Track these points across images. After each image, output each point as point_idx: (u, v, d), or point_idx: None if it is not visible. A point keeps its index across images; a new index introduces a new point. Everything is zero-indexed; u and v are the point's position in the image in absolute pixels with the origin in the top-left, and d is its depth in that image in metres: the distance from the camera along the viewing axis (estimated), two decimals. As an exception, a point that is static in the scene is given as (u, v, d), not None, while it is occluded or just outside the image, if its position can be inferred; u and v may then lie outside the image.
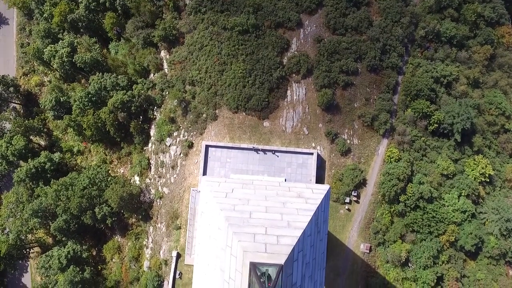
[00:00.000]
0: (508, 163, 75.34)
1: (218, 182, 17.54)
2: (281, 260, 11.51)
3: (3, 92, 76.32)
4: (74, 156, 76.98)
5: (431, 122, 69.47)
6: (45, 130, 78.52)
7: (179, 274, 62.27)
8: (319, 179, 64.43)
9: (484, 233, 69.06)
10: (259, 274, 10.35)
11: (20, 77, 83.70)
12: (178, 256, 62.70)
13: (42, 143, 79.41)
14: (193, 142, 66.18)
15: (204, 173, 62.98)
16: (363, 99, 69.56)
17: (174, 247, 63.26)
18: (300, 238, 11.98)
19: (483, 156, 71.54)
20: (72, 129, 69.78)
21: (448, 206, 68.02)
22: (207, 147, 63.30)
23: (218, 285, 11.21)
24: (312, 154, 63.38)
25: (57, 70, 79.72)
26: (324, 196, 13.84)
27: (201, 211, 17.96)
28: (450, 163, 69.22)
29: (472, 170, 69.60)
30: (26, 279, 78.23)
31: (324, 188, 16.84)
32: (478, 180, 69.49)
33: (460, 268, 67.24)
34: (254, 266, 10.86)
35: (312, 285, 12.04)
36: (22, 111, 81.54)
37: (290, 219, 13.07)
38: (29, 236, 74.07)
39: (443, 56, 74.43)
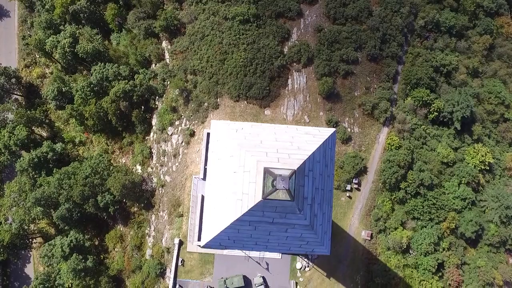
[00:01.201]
0: (507, 152, 75.87)
1: (228, 123, 17.79)
2: (294, 167, 11.65)
3: (5, 83, 76.67)
4: (76, 146, 77.35)
5: (431, 110, 69.96)
6: (47, 121, 78.89)
7: (181, 261, 62.59)
8: (320, 167, 64.78)
9: (484, 221, 69.55)
10: (272, 179, 10.62)
11: (22, 69, 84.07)
12: (180, 243, 63.03)
13: (44, 134, 79.75)
14: (195, 130, 66.61)
15: (206, 161, 63.31)
16: (363, 88, 70.04)
17: (176, 234, 63.62)
18: (310, 157, 12.29)
19: (483, 145, 72.06)
20: (74, 119, 70.19)
21: (448, 193, 68.52)
22: (208, 135, 63.57)
23: (231, 208, 11.58)
24: (313, 141, 63.74)
25: (59, 62, 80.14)
26: (331, 135, 14.20)
27: (211, 151, 18.40)
28: (450, 151, 69.70)
29: (472, 158, 70.06)
30: (29, 269, 78.52)
31: (330, 129, 17.22)
32: (478, 168, 69.95)
33: (461, 255, 67.66)
34: (268, 171, 11.20)
35: (321, 214, 12.46)
36: (24, 102, 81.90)
37: (299, 145, 13.30)
38: (32, 226, 74.42)
39: (442, 45, 74.95)
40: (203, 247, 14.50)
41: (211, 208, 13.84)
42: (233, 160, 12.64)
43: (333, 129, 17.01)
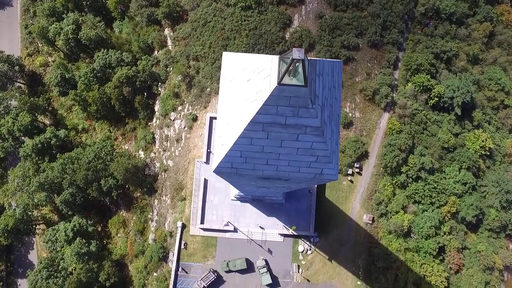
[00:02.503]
0: (508, 138, 76.34)
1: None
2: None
3: (8, 70, 77.15)
4: (79, 134, 77.81)
5: (431, 96, 70.44)
6: (50, 108, 79.36)
7: (184, 244, 63.04)
8: (322, 151, 65.30)
9: (485, 206, 70.02)
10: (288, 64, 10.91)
11: (25, 58, 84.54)
12: (183, 226, 63.50)
13: (47, 122, 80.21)
14: (197, 115, 67.09)
15: (209, 145, 63.88)
16: (364, 74, 70.58)
17: (179, 218, 64.09)
18: (320, 61, 12.65)
19: (483, 131, 72.54)
20: (77, 104, 70.65)
21: (449, 178, 69.00)
22: (211, 119, 64.22)
23: (244, 113, 11.96)
24: (315, 125, 64.27)
25: (61, 50, 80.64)
26: (338, 62, 14.61)
27: (223, 78, 18.90)
28: (451, 137, 70.19)
29: (473, 144, 70.54)
30: (32, 256, 79.00)
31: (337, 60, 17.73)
32: (479, 153, 70.44)
33: (462, 239, 68.13)
34: (282, 59, 11.54)
35: (330, 128, 12.88)
36: (27, 91, 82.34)
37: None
38: (35, 212, 74.83)
39: (442, 32, 75.42)
40: (215, 172, 14.94)
41: (222, 127, 14.28)
42: (246, 72, 12.97)
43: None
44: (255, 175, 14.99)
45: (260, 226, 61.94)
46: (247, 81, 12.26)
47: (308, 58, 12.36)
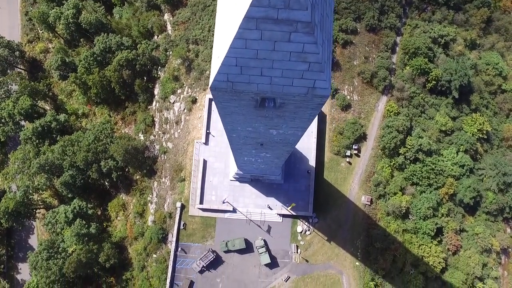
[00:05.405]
0: (505, 123, 76.84)
1: None
2: None
3: (9, 56, 77.69)
4: (79, 119, 78.32)
5: (429, 79, 70.93)
6: (50, 94, 79.88)
7: (183, 225, 63.45)
8: (321, 132, 65.86)
9: (483, 189, 70.43)
10: None
11: (25, 44, 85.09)
12: (182, 207, 63.91)
13: (47, 107, 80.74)
14: (197, 97, 67.58)
15: (208, 126, 64.38)
16: (362, 57, 71.08)
17: (178, 199, 64.51)
18: None
19: (481, 114, 73.05)
20: (77, 87, 71.13)
21: (447, 161, 69.43)
22: (210, 100, 64.72)
23: (238, 11, 12.37)
24: (313, 107, 64.75)
25: (61, 37, 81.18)
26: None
27: None
28: (448, 120, 70.66)
29: (470, 127, 71.03)
30: (32, 240, 79.45)
31: None
32: (476, 136, 70.93)
33: (459, 221, 68.56)
34: None
35: (321, 35, 13.35)
36: (27, 77, 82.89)
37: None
38: (36, 196, 75.29)
39: (440, 18, 76.01)
40: (211, 88, 15.40)
41: (218, 40, 14.74)
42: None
43: None
44: (250, 91, 15.47)
45: (268, 206, 62.10)
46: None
47: None
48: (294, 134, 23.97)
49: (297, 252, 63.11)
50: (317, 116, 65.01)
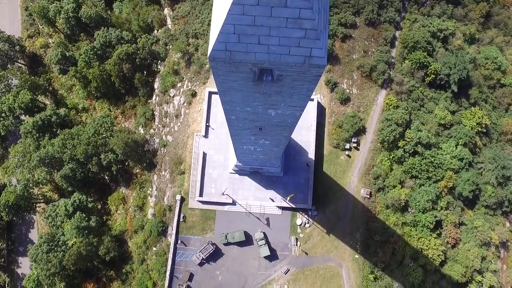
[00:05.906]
0: (504, 117, 76.99)
1: None
2: None
3: (9, 50, 77.92)
4: (79, 113, 78.49)
5: (428, 73, 71.08)
6: (51, 89, 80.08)
7: (183, 217, 63.64)
8: (320, 125, 66.03)
9: (482, 183, 70.56)
10: None
11: (25, 39, 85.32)
12: (182, 200, 64.10)
13: (48, 102, 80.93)
14: (196, 91, 67.78)
15: (208, 119, 64.57)
16: (362, 51, 71.27)
17: (178, 191, 64.70)
18: None
19: (480, 108, 73.21)
20: (77, 81, 71.31)
21: (446, 154, 69.58)
22: (210, 94, 64.93)
23: None
24: (312, 100, 65.00)
25: (62, 32, 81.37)
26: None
27: None
28: (448, 113, 70.81)
29: (469, 120, 71.19)
30: (33, 234, 79.64)
31: None
32: (475, 130, 71.08)
33: (458, 214, 68.69)
34: None
35: (317, 2, 13.60)
36: (27, 71, 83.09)
37: None
38: (36, 190, 75.46)
39: (439, 12, 76.20)
40: (210, 58, 15.60)
41: (216, 9, 14.95)
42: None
43: None
44: (248, 61, 15.65)
45: (270, 199, 62.29)
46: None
47: None
48: (292, 114, 24.16)
49: (296, 245, 63.28)
50: (316, 109, 65.31)
